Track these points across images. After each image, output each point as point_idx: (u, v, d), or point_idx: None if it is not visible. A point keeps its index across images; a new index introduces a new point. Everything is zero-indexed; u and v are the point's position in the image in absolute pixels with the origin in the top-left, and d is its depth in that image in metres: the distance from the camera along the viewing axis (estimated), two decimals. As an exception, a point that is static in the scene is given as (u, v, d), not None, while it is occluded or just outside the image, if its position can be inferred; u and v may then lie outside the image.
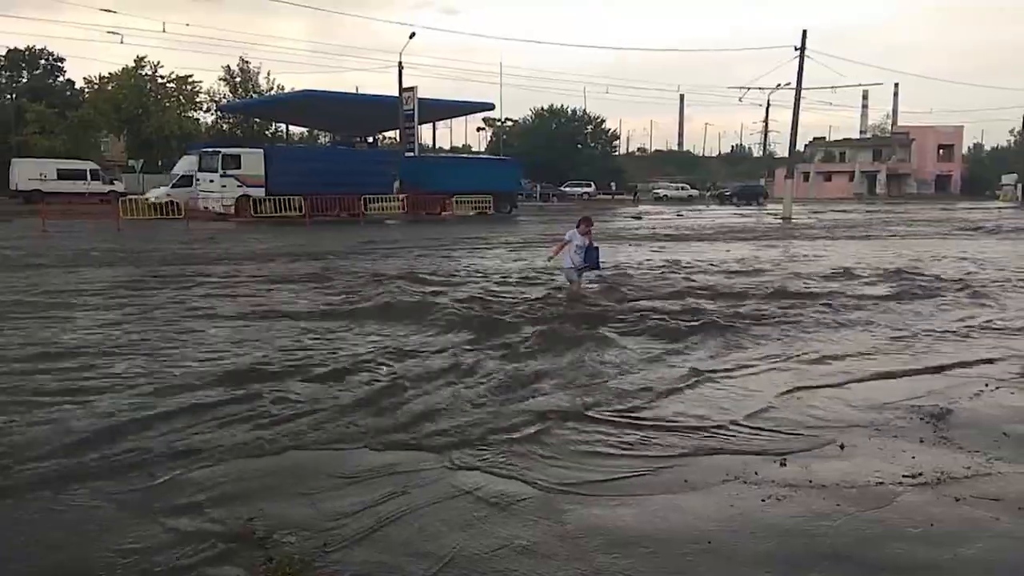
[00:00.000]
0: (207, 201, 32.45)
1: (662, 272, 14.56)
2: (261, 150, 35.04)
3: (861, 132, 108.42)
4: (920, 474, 4.63)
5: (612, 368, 7.20)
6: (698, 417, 5.76)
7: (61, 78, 63.33)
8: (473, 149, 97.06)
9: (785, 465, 4.79)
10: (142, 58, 51.34)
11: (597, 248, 11.06)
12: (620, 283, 12.57)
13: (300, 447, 5.03)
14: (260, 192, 32.46)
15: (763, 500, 4.27)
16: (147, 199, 34.45)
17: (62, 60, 63.48)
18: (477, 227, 30.03)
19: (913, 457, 4.92)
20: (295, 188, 32.35)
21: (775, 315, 9.84)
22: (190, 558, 3.58)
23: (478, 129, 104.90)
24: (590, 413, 5.78)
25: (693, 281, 13.10)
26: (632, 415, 5.77)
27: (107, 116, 50.49)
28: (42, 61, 62.92)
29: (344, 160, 38.45)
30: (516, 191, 42.30)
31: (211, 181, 32.47)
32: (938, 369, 7.33)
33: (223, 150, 33.71)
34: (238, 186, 32.23)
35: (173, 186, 35.87)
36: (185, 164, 37.48)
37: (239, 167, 32.47)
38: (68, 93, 59.83)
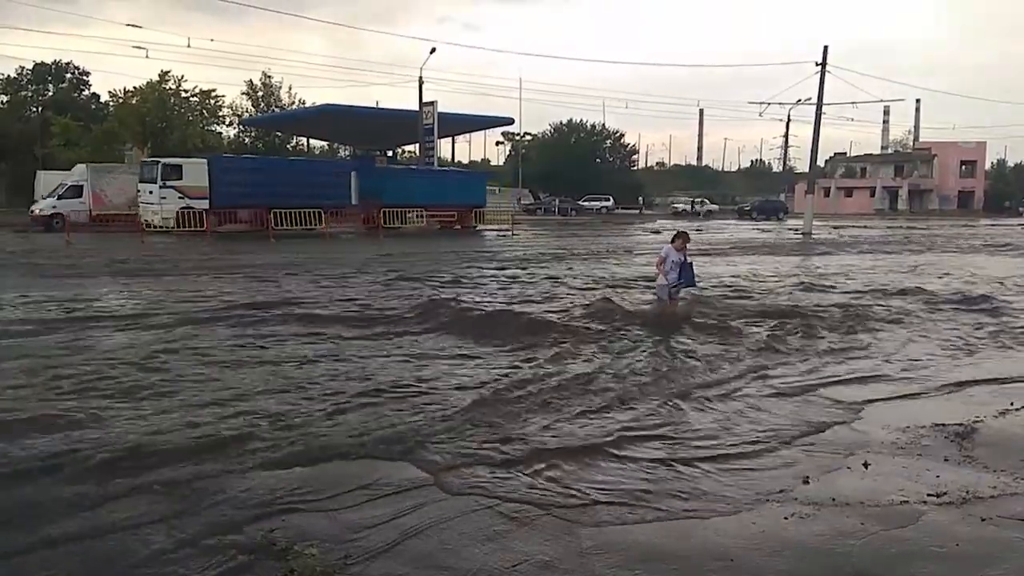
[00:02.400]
0: (146, 214, 30.36)
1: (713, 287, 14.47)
2: (204, 160, 32.66)
3: (883, 147, 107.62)
4: (945, 493, 4.58)
5: (642, 378, 7.22)
6: (720, 432, 5.76)
7: (87, 91, 64.33)
8: (492, 163, 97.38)
9: (808, 483, 4.75)
10: (166, 72, 51.90)
11: (691, 264, 10.72)
12: (703, 298, 12.30)
13: (323, 459, 5.05)
14: (204, 204, 30.51)
15: (786, 518, 4.24)
16: (31, 211, 33.12)
17: (88, 74, 64.56)
18: (467, 242, 29.65)
19: (938, 476, 4.86)
20: (243, 200, 30.72)
21: (817, 330, 9.90)
22: (213, 569, 3.60)
23: (497, 143, 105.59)
24: (613, 432, 5.78)
25: (753, 296, 13.16)
26: (657, 430, 5.77)
27: (131, 129, 51.06)
28: (68, 75, 63.93)
29: (297, 171, 36.04)
30: (483, 206, 40.67)
31: (150, 192, 30.68)
32: (963, 386, 7.29)
33: (163, 160, 32.09)
34: (179, 198, 30.47)
35: (59, 198, 33.34)
36: (76, 174, 34.84)
37: (180, 178, 30.88)
38: (93, 106, 60.67)
